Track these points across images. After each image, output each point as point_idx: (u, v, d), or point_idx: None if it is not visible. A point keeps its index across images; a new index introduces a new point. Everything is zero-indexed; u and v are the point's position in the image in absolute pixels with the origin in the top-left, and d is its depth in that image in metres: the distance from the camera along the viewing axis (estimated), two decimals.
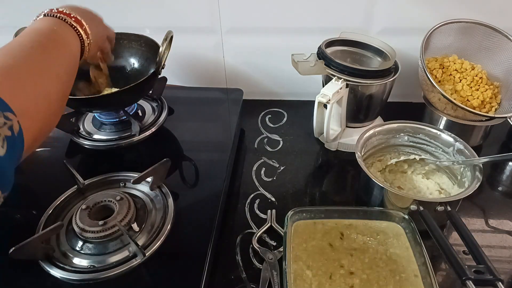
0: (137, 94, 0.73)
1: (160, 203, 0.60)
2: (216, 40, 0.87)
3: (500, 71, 0.77)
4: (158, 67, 0.69)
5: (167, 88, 0.81)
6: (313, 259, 0.52)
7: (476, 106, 0.74)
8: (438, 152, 0.70)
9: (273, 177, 0.73)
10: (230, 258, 0.58)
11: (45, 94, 0.40)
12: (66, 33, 0.47)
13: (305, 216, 0.58)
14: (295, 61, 0.70)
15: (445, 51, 0.79)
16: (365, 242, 0.55)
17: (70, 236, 0.55)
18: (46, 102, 0.40)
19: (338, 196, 0.70)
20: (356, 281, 0.50)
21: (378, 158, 0.73)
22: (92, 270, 0.50)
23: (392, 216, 0.58)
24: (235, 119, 0.80)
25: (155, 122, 0.76)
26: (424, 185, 0.70)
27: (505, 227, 0.63)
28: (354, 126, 0.79)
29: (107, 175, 0.65)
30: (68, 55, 0.46)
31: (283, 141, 0.82)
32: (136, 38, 0.78)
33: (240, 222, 0.64)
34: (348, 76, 0.70)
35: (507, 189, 0.72)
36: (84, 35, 0.49)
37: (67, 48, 0.46)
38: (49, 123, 0.42)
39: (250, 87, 0.93)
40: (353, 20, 0.82)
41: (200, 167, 0.70)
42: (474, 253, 0.49)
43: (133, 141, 0.72)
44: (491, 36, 0.76)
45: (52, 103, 0.41)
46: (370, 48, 0.77)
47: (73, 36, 0.48)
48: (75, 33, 0.48)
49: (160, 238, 0.54)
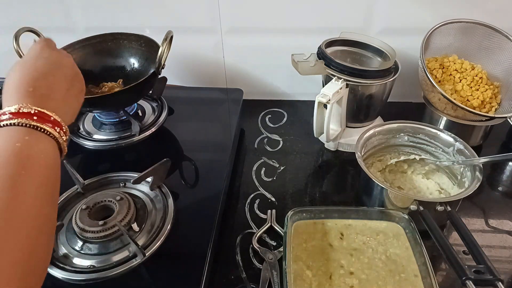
0: (137, 94, 0.73)
1: (160, 203, 0.60)
2: (216, 40, 0.87)
3: (500, 71, 0.77)
4: (158, 67, 0.69)
5: (167, 88, 0.81)
6: (313, 259, 0.52)
7: (476, 106, 0.74)
8: (438, 152, 0.70)
9: (273, 177, 0.73)
10: (230, 258, 0.58)
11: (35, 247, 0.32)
12: (34, 144, 0.36)
13: (305, 216, 0.58)
14: (295, 61, 0.70)
15: (445, 51, 0.79)
16: (365, 242, 0.55)
17: (70, 236, 0.55)
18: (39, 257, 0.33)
19: (338, 196, 0.70)
20: (356, 281, 0.50)
21: (378, 158, 0.73)
22: (92, 270, 0.50)
23: (392, 216, 0.58)
24: (235, 119, 0.80)
25: (155, 122, 0.76)
26: (424, 185, 0.70)
27: (505, 227, 0.63)
28: (354, 126, 0.79)
29: (107, 175, 0.65)
30: (45, 174, 0.36)
31: (283, 141, 0.82)
32: (136, 38, 0.78)
33: (240, 222, 0.64)
34: (348, 76, 0.70)
35: (507, 189, 0.72)
36: (55, 132, 0.38)
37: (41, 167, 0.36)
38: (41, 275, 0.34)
39: (250, 87, 0.93)
40: (353, 20, 0.82)
41: (200, 167, 0.70)
42: (474, 253, 0.49)
43: (133, 141, 0.72)
44: (491, 36, 0.76)
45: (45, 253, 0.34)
46: (370, 48, 0.77)
47: (44, 142, 0.37)
48: (44, 136, 0.37)
49: (160, 238, 0.54)
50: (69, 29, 0.88)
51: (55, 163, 0.38)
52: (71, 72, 0.46)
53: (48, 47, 0.46)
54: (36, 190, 0.35)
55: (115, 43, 0.79)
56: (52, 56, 0.44)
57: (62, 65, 0.45)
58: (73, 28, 0.88)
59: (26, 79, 0.40)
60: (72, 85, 0.45)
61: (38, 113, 0.37)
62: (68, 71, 0.45)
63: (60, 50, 0.50)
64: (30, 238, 0.32)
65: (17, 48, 0.70)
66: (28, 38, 0.71)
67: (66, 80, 0.44)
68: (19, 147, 0.35)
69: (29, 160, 0.35)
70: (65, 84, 0.43)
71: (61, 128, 0.39)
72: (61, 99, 0.42)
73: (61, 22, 0.88)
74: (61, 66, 0.44)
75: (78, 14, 0.87)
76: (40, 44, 0.47)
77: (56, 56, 0.45)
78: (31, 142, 0.36)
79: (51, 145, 0.38)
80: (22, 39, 0.71)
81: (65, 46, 0.75)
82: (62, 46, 0.75)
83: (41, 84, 0.40)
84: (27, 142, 0.36)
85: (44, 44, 0.47)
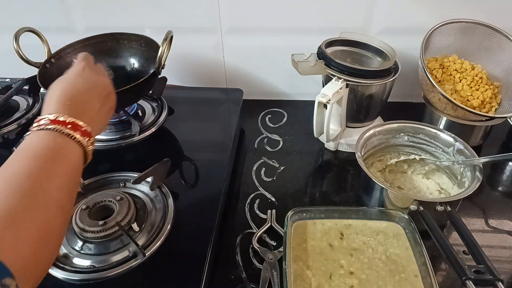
0: (137, 94, 0.73)
1: (160, 203, 0.60)
2: (216, 40, 0.87)
3: (500, 71, 0.77)
4: (158, 67, 0.69)
5: (167, 88, 0.81)
6: (313, 259, 0.52)
7: (476, 106, 0.74)
8: (438, 152, 0.70)
9: (273, 177, 0.73)
10: (230, 258, 0.58)
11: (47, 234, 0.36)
12: (63, 147, 0.41)
13: (305, 216, 0.58)
14: (295, 61, 0.70)
15: (445, 51, 0.79)
16: (365, 242, 0.55)
17: (70, 236, 0.55)
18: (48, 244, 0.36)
19: (338, 196, 0.70)
20: (356, 281, 0.50)
21: (378, 158, 0.73)
22: (92, 270, 0.50)
23: (392, 216, 0.58)
24: (235, 119, 0.80)
25: (155, 122, 0.76)
26: (424, 185, 0.70)
27: (505, 227, 0.63)
28: (354, 126, 0.79)
29: (107, 175, 0.65)
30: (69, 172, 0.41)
31: (283, 141, 0.82)
32: (136, 38, 0.78)
33: (240, 222, 0.64)
34: (348, 76, 0.70)
35: (507, 189, 0.72)
36: (84, 140, 0.43)
37: (67, 164, 0.41)
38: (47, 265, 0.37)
39: (250, 87, 0.93)
40: (353, 20, 0.82)
41: (200, 167, 0.70)
42: (474, 253, 0.49)
43: (133, 141, 0.72)
44: (491, 36, 0.76)
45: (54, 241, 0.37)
46: (370, 48, 0.77)
47: (72, 146, 0.42)
48: (74, 142, 0.43)
49: (160, 238, 0.54)
50: (69, 29, 0.88)
51: (79, 166, 0.43)
52: (105, 92, 0.51)
53: (88, 67, 0.52)
54: (60, 182, 0.39)
55: (115, 43, 0.79)
56: (90, 77, 0.50)
57: (98, 86, 0.50)
58: (73, 28, 0.88)
59: (66, 94, 0.46)
60: (104, 103, 0.50)
61: (71, 123, 0.43)
62: (103, 91, 0.51)
63: (98, 69, 0.55)
64: (47, 223, 0.36)
65: (17, 48, 0.71)
66: (28, 38, 0.71)
67: (100, 99, 0.49)
68: (51, 146, 0.40)
69: (57, 157, 0.40)
70: (98, 102, 0.49)
71: (89, 138, 0.44)
72: (93, 114, 0.47)
73: (61, 22, 0.88)
74: (96, 86, 0.50)
75: (78, 14, 0.87)
76: (82, 64, 0.52)
77: (94, 77, 0.51)
78: (62, 144, 0.41)
79: (78, 151, 0.43)
80: (22, 39, 0.71)
81: (65, 46, 0.75)
82: (62, 46, 0.75)
83: (78, 100, 0.46)
84: (59, 143, 0.41)
85: (85, 63, 0.52)
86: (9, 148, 0.76)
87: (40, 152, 0.39)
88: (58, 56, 0.74)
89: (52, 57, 0.73)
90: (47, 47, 0.75)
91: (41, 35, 0.74)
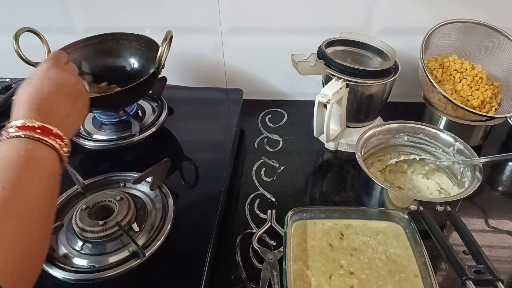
0: (137, 94, 0.73)
1: (160, 203, 0.60)
2: (216, 40, 0.87)
3: (500, 71, 0.77)
4: (158, 67, 0.69)
5: (167, 88, 0.81)
6: (313, 259, 0.52)
7: (476, 106, 0.74)
8: (438, 152, 0.70)
9: (273, 177, 0.73)
10: (230, 258, 0.58)
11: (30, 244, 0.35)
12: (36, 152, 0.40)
13: (305, 216, 0.58)
14: (295, 61, 0.70)
15: (445, 51, 0.79)
16: (365, 242, 0.55)
17: (70, 236, 0.55)
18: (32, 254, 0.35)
19: (338, 196, 0.70)
20: (356, 281, 0.50)
21: (378, 158, 0.73)
22: (92, 270, 0.50)
23: (392, 216, 0.58)
24: (235, 119, 0.80)
25: (155, 122, 0.76)
26: (424, 185, 0.70)
27: (505, 227, 0.63)
28: (354, 126, 0.79)
29: (107, 175, 0.65)
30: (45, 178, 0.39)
31: (283, 141, 0.82)
32: (136, 38, 0.78)
33: (240, 222, 0.64)
34: (348, 76, 0.70)
35: (507, 189, 0.72)
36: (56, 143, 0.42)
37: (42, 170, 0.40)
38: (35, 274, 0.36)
39: (250, 87, 0.93)
40: (353, 20, 0.82)
41: (200, 167, 0.70)
42: (474, 253, 0.49)
43: (133, 141, 0.72)
44: (491, 36, 0.76)
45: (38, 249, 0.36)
46: (370, 48, 0.77)
47: (44, 151, 0.41)
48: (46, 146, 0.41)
49: (160, 238, 0.54)
50: (69, 29, 0.88)
51: (55, 170, 0.42)
52: (74, 90, 0.49)
53: (54, 66, 0.49)
54: (37, 190, 0.38)
55: (115, 43, 0.79)
56: (56, 76, 0.48)
57: (65, 85, 0.48)
58: (73, 28, 0.88)
59: (32, 98, 0.44)
60: (74, 103, 0.48)
61: (41, 127, 0.41)
62: (71, 89, 0.49)
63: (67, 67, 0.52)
64: (28, 234, 0.35)
65: (17, 48, 0.70)
66: (28, 38, 0.71)
67: (69, 98, 0.47)
68: (23, 153, 0.39)
69: (31, 164, 0.39)
70: (67, 103, 0.47)
71: (62, 141, 0.43)
72: (63, 115, 0.45)
73: (61, 22, 0.88)
74: (64, 86, 0.48)
75: (78, 14, 0.87)
76: (48, 63, 0.50)
77: (61, 76, 0.48)
78: (34, 151, 0.40)
79: (52, 155, 0.42)
80: (22, 39, 0.71)
81: (65, 46, 0.75)
82: (62, 46, 0.75)
83: (45, 102, 0.44)
84: (30, 149, 0.40)
85: (51, 63, 0.50)
86: None
87: (12, 161, 0.38)
88: None
89: None
90: (47, 47, 0.75)
91: (41, 35, 0.74)
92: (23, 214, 0.35)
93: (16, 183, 0.36)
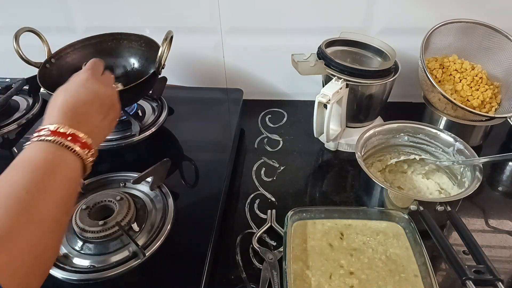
0: (137, 94, 0.73)
1: (160, 203, 0.60)
2: (216, 40, 0.87)
3: (500, 71, 0.77)
4: (158, 67, 0.69)
5: (167, 88, 0.81)
6: (313, 259, 0.52)
7: (476, 106, 0.74)
8: (438, 152, 0.70)
9: (273, 177, 0.73)
10: (230, 258, 0.58)
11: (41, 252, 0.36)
12: (63, 160, 0.41)
13: (305, 216, 0.58)
14: (295, 61, 0.70)
15: (445, 51, 0.79)
16: (365, 242, 0.55)
17: (70, 236, 0.55)
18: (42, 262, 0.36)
19: (338, 196, 0.70)
20: (356, 281, 0.50)
21: (378, 158, 0.73)
22: (92, 270, 0.50)
23: (392, 216, 0.58)
24: (235, 119, 0.80)
25: (155, 122, 0.76)
26: (424, 185, 0.70)
27: (505, 227, 0.63)
28: (354, 126, 0.79)
29: (107, 175, 0.65)
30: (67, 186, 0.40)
31: (283, 141, 0.82)
32: (136, 38, 0.78)
33: (240, 222, 0.64)
34: (348, 76, 0.70)
35: (507, 189, 0.72)
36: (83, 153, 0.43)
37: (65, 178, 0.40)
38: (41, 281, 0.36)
39: (250, 87, 0.93)
40: (353, 20, 0.82)
41: (200, 167, 0.70)
42: (474, 253, 0.49)
43: (133, 141, 0.72)
44: (491, 36, 0.76)
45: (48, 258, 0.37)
46: (370, 48, 0.77)
47: (71, 159, 0.42)
48: (73, 155, 0.42)
49: (160, 238, 0.54)
50: (69, 29, 0.88)
51: (77, 179, 0.43)
52: (108, 103, 0.50)
53: (93, 77, 0.51)
54: (58, 197, 0.39)
55: (115, 43, 0.79)
56: (94, 87, 0.49)
57: (101, 97, 0.49)
58: (73, 28, 0.88)
59: (68, 104, 0.45)
60: (107, 114, 0.49)
61: (72, 135, 0.42)
62: (106, 102, 0.50)
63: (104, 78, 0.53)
64: (42, 240, 0.36)
65: (17, 48, 0.71)
66: (28, 38, 0.71)
67: (102, 110, 0.48)
68: (51, 159, 0.40)
69: (56, 170, 0.40)
70: (100, 114, 0.48)
71: (90, 150, 0.44)
72: (95, 125, 0.47)
73: (61, 22, 0.88)
74: (100, 97, 0.49)
75: (78, 14, 0.87)
76: (87, 73, 0.51)
77: (98, 88, 0.49)
78: (61, 157, 0.41)
79: (77, 163, 0.43)
80: (22, 39, 0.71)
81: (65, 46, 0.75)
82: (62, 46, 0.75)
83: (80, 111, 0.45)
84: (58, 156, 0.41)
85: (90, 73, 0.51)
86: (9, 148, 0.76)
87: (39, 165, 0.39)
88: (58, 56, 0.74)
89: (52, 57, 0.74)
90: (47, 47, 0.75)
91: (41, 35, 0.74)
92: (41, 221, 0.36)
93: (40, 188, 0.37)
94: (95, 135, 0.45)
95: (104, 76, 0.54)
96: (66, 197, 0.40)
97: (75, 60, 0.76)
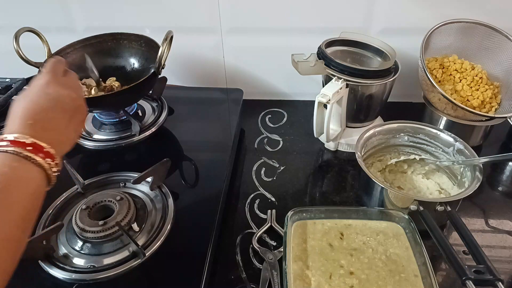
0: (137, 94, 0.73)
1: (160, 203, 0.60)
2: (216, 40, 0.87)
3: (500, 71, 0.77)
4: (158, 67, 0.69)
5: (167, 88, 0.81)
6: (313, 259, 0.52)
7: (476, 106, 0.74)
8: (438, 152, 0.70)
9: (273, 177, 0.73)
10: (230, 258, 0.58)
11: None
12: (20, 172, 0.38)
13: (305, 216, 0.58)
14: (295, 61, 0.70)
15: (445, 51, 0.79)
16: (365, 242, 0.55)
17: (70, 236, 0.55)
18: None
19: (338, 196, 0.70)
20: (356, 281, 0.50)
21: (378, 158, 0.73)
22: (92, 270, 0.50)
23: (392, 216, 0.58)
24: (235, 119, 0.80)
25: (155, 122, 0.76)
26: (424, 185, 0.70)
27: (505, 227, 0.63)
28: (354, 126, 0.79)
29: (107, 175, 0.65)
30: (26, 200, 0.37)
31: (283, 141, 0.82)
32: (136, 38, 0.78)
33: (240, 222, 0.64)
34: (348, 76, 0.70)
35: (507, 189, 0.72)
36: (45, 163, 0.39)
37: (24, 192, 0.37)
38: None
39: (250, 87, 0.93)
40: (353, 20, 0.82)
41: (200, 167, 0.70)
42: (474, 253, 0.49)
43: (133, 141, 0.72)
44: (491, 36, 0.76)
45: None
46: (370, 48, 0.77)
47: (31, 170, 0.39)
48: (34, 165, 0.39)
49: (160, 238, 0.54)
50: (69, 29, 0.88)
51: (38, 192, 0.39)
52: (71, 107, 0.46)
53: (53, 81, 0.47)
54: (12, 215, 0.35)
55: (115, 43, 0.80)
56: (54, 92, 0.46)
57: (63, 101, 0.46)
58: (73, 28, 0.88)
59: (28, 112, 0.42)
60: (72, 118, 0.46)
61: (32, 144, 0.39)
62: (69, 106, 0.46)
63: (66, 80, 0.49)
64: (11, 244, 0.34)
65: (17, 48, 0.70)
66: (28, 38, 0.71)
67: (66, 115, 0.45)
68: (7, 171, 0.37)
69: (13, 184, 0.36)
70: (64, 119, 0.45)
71: (53, 160, 0.41)
72: (59, 132, 0.44)
73: (61, 22, 0.88)
74: (62, 102, 0.46)
75: (78, 14, 0.87)
76: (46, 77, 0.47)
77: (59, 92, 0.46)
78: (19, 170, 0.38)
79: (39, 175, 0.39)
80: (22, 39, 0.71)
81: (65, 46, 0.75)
82: (62, 46, 0.75)
83: (40, 117, 0.42)
84: (14, 168, 0.37)
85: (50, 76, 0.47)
86: None
87: None
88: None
89: (52, 57, 0.73)
90: (47, 47, 0.75)
91: (41, 35, 0.74)
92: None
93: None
94: (60, 143, 0.42)
95: (65, 78, 0.50)
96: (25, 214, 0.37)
97: (75, 60, 0.76)
